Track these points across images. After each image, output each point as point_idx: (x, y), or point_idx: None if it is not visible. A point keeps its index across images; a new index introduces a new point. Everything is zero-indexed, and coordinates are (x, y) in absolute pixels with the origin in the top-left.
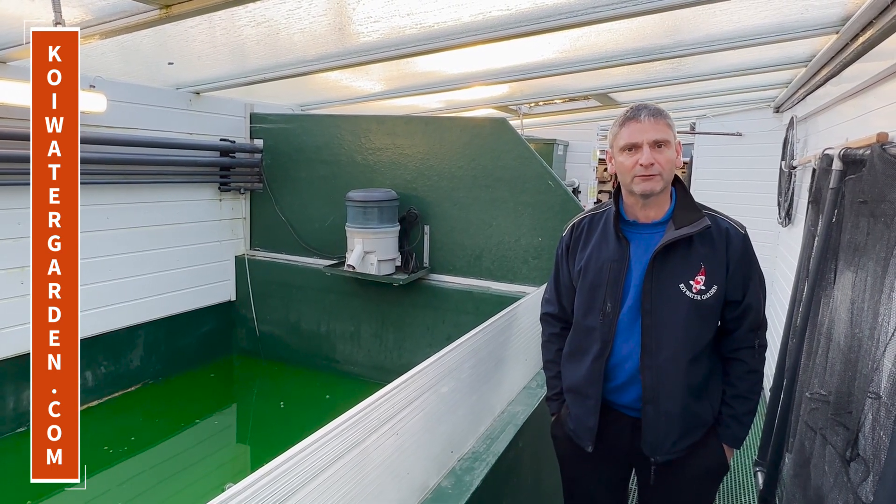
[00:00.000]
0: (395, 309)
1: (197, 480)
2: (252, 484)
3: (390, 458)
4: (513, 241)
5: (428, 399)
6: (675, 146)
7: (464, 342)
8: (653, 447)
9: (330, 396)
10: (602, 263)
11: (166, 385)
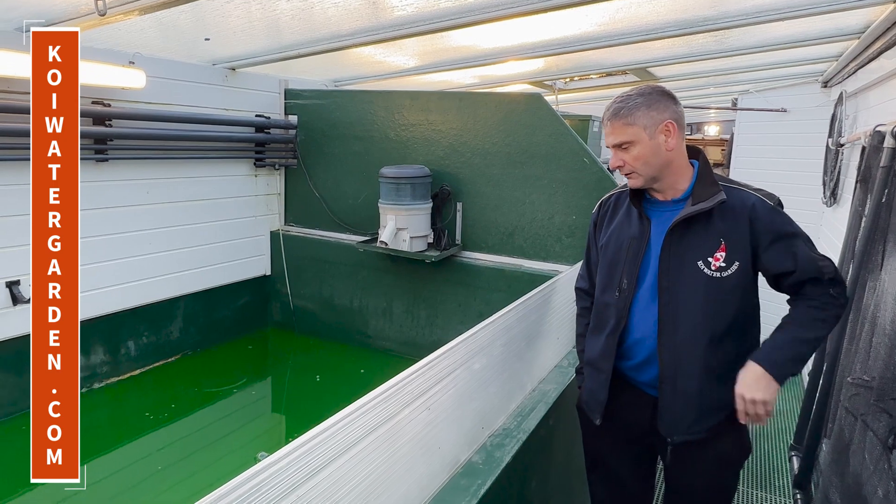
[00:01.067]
0: (426, 285)
1: (233, 449)
2: (287, 454)
3: (422, 432)
4: (546, 218)
5: (460, 375)
6: (649, 138)
7: (496, 319)
8: (669, 427)
9: (364, 371)
10: (622, 240)
11: (204, 356)
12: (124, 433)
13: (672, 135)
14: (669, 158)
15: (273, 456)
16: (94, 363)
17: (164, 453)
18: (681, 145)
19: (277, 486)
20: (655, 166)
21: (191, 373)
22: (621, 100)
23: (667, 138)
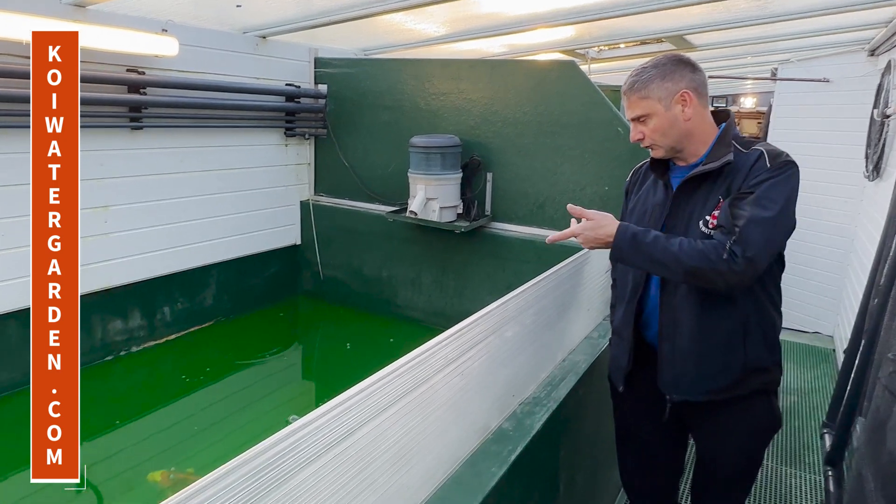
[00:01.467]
0: (455, 256)
1: (266, 412)
2: (323, 414)
3: (454, 397)
4: (578, 189)
5: (492, 342)
6: (665, 110)
7: (529, 288)
8: (667, 385)
9: (393, 340)
10: (646, 208)
11: (236, 323)
12: (162, 395)
13: (689, 104)
14: (688, 128)
15: (308, 416)
16: (131, 327)
17: (201, 415)
18: (701, 113)
19: (313, 445)
20: (674, 137)
21: (224, 339)
22: (637, 73)
23: (683, 108)
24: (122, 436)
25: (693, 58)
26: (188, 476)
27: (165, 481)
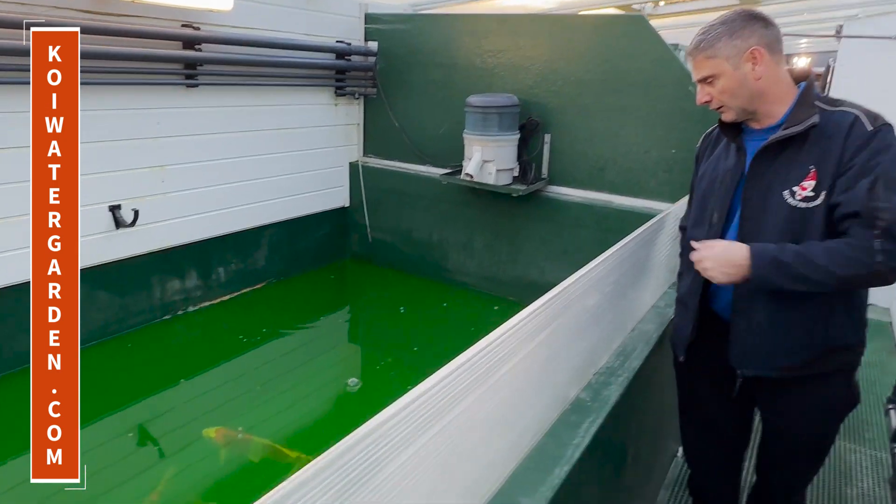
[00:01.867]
0: (509, 220)
1: (317, 373)
2: (431, 387)
3: (541, 368)
4: (642, 152)
5: (576, 312)
6: (733, 69)
7: (613, 254)
8: (738, 359)
9: (447, 305)
10: (717, 174)
11: (287, 284)
12: (217, 354)
13: (760, 61)
14: (759, 88)
15: (419, 387)
16: (188, 287)
17: (254, 374)
18: (775, 71)
19: (423, 416)
20: (744, 97)
21: (276, 300)
22: (703, 31)
23: (754, 66)
24: (179, 393)
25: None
26: (242, 434)
27: (220, 438)
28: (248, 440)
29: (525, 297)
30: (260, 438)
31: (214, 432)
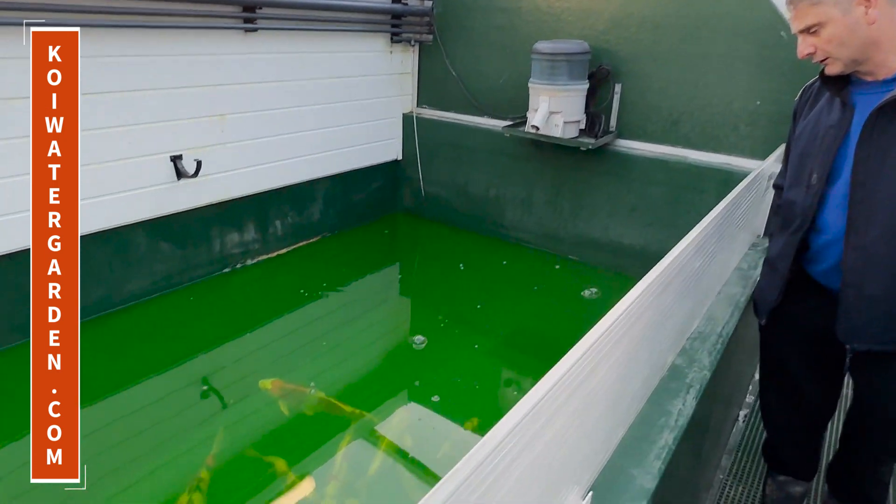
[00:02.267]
0: (573, 175)
1: (371, 326)
2: (567, 362)
3: (650, 335)
4: (722, 104)
5: (685, 277)
6: (842, 14)
7: (719, 213)
8: (848, 333)
9: (506, 263)
10: (818, 130)
11: (341, 238)
12: (274, 307)
13: (874, 4)
14: (873, 35)
15: (553, 372)
16: (246, 240)
17: (310, 328)
18: (891, 14)
19: (557, 401)
20: (855, 46)
21: (332, 254)
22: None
23: (867, 10)
24: (239, 346)
25: None
26: (297, 388)
27: (276, 390)
28: (304, 393)
29: (587, 255)
30: (312, 390)
31: (270, 384)
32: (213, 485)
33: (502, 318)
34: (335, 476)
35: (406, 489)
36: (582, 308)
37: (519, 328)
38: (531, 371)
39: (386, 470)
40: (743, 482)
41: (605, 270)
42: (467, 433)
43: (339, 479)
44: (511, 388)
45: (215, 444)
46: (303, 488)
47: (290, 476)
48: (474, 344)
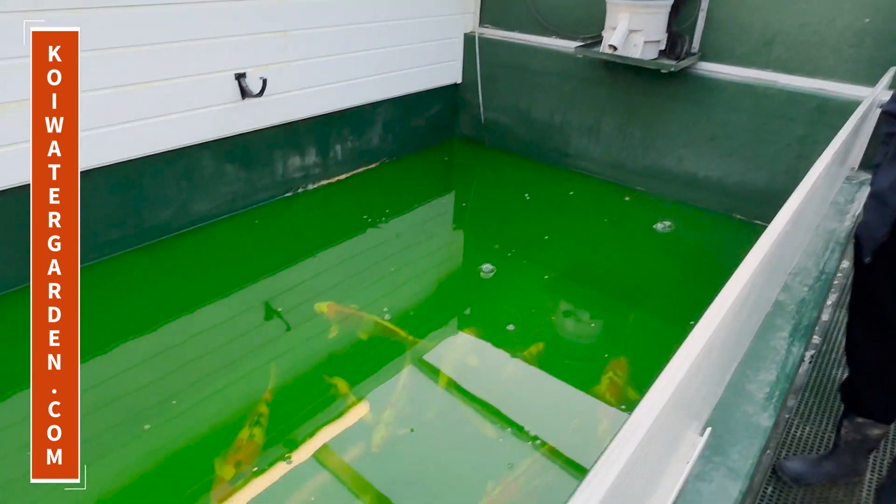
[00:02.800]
0: (647, 101)
1: (432, 253)
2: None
3: (767, 274)
4: (824, 22)
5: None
6: None
7: (836, 151)
8: None
9: (573, 193)
10: None
11: (400, 164)
12: (334, 233)
13: None
14: None
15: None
16: (307, 164)
17: (376, 252)
18: None
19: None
20: None
21: (392, 179)
22: None
23: None
24: (299, 271)
25: None
26: (355, 312)
27: (332, 313)
28: (360, 316)
29: (656, 187)
30: (371, 315)
31: (326, 307)
32: (276, 404)
33: (570, 250)
34: (393, 403)
35: (461, 417)
36: (654, 242)
37: (587, 260)
38: (600, 305)
39: (442, 399)
40: (810, 422)
41: (676, 203)
42: (521, 364)
43: (397, 407)
44: (574, 319)
45: (276, 367)
46: (360, 411)
47: (351, 398)
48: (543, 275)
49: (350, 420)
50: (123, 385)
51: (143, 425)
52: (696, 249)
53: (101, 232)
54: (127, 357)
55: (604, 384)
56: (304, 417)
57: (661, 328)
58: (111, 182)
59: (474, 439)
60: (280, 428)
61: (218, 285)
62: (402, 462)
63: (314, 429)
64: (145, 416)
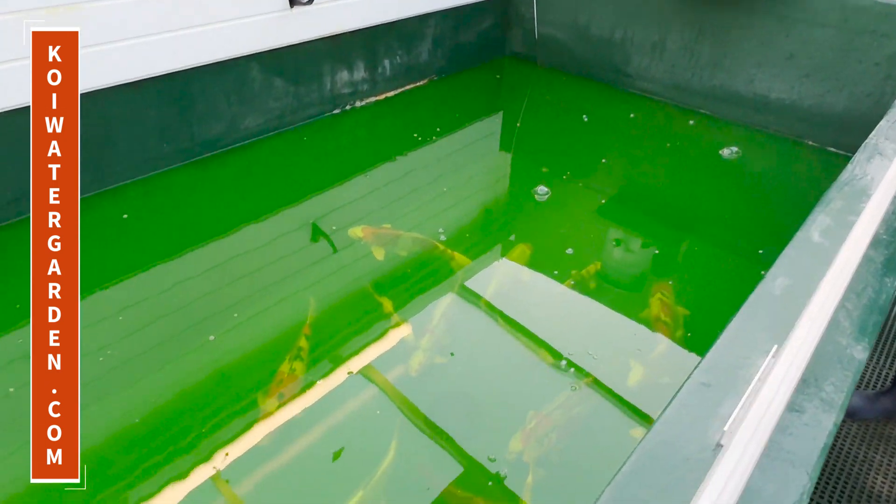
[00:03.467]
0: (719, 15)
1: (486, 173)
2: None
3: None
4: None
5: None
6: None
7: None
8: None
9: (634, 116)
10: None
11: (449, 81)
12: (388, 151)
13: None
14: None
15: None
16: (356, 80)
17: (426, 172)
18: None
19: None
20: None
21: (442, 97)
22: None
23: None
24: (347, 189)
25: None
26: (394, 231)
27: (368, 236)
28: (397, 235)
29: (722, 110)
30: (408, 232)
31: (361, 231)
32: (319, 324)
33: (628, 175)
34: (433, 328)
35: (506, 343)
36: (720, 168)
37: (646, 186)
38: (657, 232)
39: (486, 324)
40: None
41: (744, 127)
42: (572, 290)
43: (438, 330)
44: (627, 246)
45: (319, 290)
46: (402, 332)
47: (395, 318)
48: (599, 199)
49: (391, 342)
50: (183, 295)
51: (209, 336)
52: (764, 178)
53: (153, 146)
54: (184, 269)
55: (654, 307)
56: (346, 337)
57: (720, 257)
58: (162, 94)
59: (519, 366)
60: (323, 347)
61: (267, 203)
62: (441, 386)
63: (354, 350)
64: (208, 326)
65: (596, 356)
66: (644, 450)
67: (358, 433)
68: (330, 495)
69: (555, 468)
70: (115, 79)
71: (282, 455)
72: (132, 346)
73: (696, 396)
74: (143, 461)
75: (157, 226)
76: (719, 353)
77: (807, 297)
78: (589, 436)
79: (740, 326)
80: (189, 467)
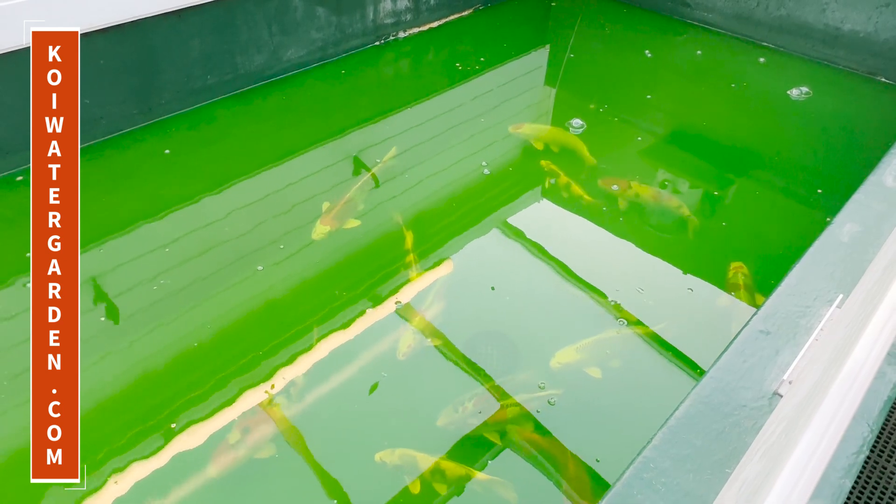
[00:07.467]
0: None
1: (527, 106)
2: None
3: None
4: None
5: None
6: None
7: None
8: None
9: (701, 53)
10: None
11: (494, 12)
12: (432, 84)
13: None
14: None
15: None
16: (399, 9)
17: (473, 106)
18: None
19: None
20: None
21: (487, 29)
22: None
23: None
24: (389, 124)
25: None
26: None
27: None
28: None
29: (790, 44)
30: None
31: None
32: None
33: (674, 112)
34: (473, 262)
35: (545, 279)
36: (788, 110)
37: (691, 125)
38: (701, 172)
39: (525, 258)
40: None
41: (813, 63)
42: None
43: (478, 264)
44: (663, 185)
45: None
46: (442, 270)
47: (410, 256)
48: (637, 136)
49: (428, 280)
50: (231, 229)
51: (257, 266)
52: (832, 118)
53: (198, 77)
54: (231, 201)
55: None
56: (389, 273)
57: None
58: (205, 24)
59: (556, 301)
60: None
61: (309, 136)
62: (485, 319)
63: (398, 285)
64: (256, 258)
65: (644, 294)
66: (698, 396)
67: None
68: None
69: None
70: (159, 7)
71: (329, 382)
72: (184, 276)
73: (753, 344)
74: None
75: (202, 159)
76: (780, 301)
77: (877, 245)
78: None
79: (803, 274)
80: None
